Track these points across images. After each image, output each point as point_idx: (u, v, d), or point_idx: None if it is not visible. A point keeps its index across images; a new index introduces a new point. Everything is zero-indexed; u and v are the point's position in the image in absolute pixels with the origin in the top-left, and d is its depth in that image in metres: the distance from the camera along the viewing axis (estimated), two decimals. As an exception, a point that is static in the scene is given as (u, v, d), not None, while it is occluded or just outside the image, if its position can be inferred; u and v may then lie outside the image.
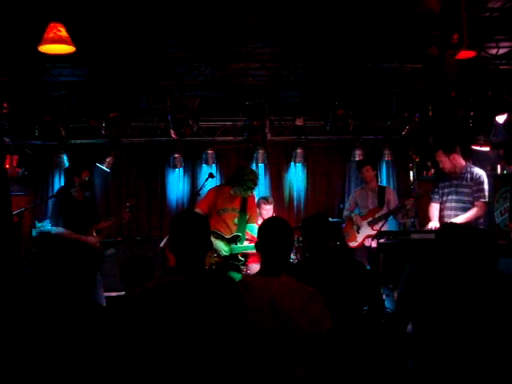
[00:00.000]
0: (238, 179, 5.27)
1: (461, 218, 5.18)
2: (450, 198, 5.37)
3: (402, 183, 7.98)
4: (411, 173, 7.92)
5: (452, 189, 5.36)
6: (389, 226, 6.74)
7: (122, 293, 3.60)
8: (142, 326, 2.08)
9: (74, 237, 4.97)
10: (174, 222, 2.40)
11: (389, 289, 5.54)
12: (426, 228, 5.38)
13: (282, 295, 2.44)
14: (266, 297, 2.43)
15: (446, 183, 5.42)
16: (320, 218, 3.47)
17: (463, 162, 5.37)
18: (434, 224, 5.35)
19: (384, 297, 4.80)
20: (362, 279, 3.21)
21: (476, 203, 5.23)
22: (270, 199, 6.52)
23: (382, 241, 5.00)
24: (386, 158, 7.60)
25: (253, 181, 5.25)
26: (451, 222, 4.75)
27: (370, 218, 6.19)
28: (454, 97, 5.71)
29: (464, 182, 5.30)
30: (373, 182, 6.43)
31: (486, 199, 5.25)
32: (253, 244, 5.63)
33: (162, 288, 2.18)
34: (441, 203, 5.47)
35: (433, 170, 7.31)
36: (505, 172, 6.80)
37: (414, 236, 5.01)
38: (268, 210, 6.40)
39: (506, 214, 6.60)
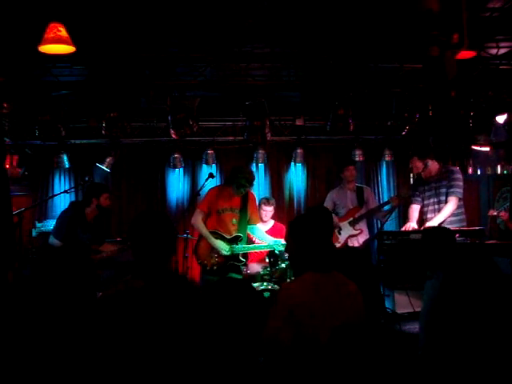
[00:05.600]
0: (232, 178, 5.25)
1: (438, 218, 5.22)
2: (431, 200, 5.47)
3: (401, 183, 7.97)
4: (411, 173, 7.90)
5: (432, 192, 5.47)
6: (389, 226, 6.74)
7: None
8: (106, 332, 2.06)
9: None
10: (134, 223, 2.29)
11: (389, 289, 5.55)
12: (404, 229, 5.42)
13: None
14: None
15: (426, 187, 5.53)
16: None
17: (437, 165, 5.45)
18: (412, 225, 5.41)
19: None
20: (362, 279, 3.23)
21: (448, 198, 5.31)
22: (272, 201, 6.46)
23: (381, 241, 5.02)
24: (386, 158, 7.59)
25: (246, 178, 5.19)
26: None
27: (351, 218, 6.21)
28: (453, 97, 5.71)
29: (443, 183, 5.37)
30: (354, 181, 6.47)
31: (459, 195, 5.30)
32: (253, 245, 5.60)
33: (120, 295, 2.14)
34: (423, 207, 5.54)
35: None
36: (505, 172, 6.81)
37: (414, 236, 5.02)
38: (268, 212, 6.33)
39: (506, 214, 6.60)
